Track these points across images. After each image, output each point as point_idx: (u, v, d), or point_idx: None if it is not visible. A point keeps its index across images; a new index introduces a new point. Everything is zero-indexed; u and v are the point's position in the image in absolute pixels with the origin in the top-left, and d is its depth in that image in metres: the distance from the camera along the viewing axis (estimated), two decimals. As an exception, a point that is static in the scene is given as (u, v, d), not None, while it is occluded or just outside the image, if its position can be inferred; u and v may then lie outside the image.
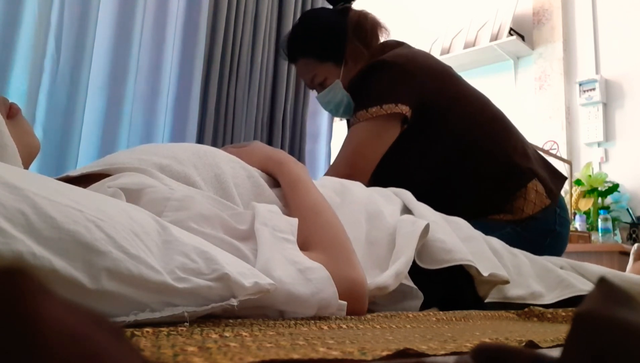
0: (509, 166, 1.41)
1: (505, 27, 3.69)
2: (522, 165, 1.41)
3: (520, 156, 1.43)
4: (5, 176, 0.42)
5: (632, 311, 0.22)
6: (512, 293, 0.99)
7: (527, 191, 1.39)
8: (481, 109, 1.48)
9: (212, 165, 0.80)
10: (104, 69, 1.44)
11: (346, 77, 1.49)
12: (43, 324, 0.14)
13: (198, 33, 1.64)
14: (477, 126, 1.43)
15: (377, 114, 1.36)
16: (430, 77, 1.44)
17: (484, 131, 1.43)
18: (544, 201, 1.39)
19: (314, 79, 1.52)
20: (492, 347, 0.25)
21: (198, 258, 0.49)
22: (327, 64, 1.49)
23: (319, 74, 1.51)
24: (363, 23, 1.51)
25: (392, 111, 1.36)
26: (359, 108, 1.40)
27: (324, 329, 0.51)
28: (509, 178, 1.40)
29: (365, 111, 1.38)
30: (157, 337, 0.38)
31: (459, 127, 1.42)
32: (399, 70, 1.40)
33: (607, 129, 3.39)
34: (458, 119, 1.42)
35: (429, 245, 0.90)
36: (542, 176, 1.42)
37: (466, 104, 1.46)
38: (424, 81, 1.41)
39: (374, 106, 1.36)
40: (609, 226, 3.00)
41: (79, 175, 0.73)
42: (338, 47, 1.48)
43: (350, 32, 1.48)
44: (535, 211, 1.38)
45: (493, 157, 1.41)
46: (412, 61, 1.44)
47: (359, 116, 1.39)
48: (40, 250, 0.38)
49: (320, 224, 0.74)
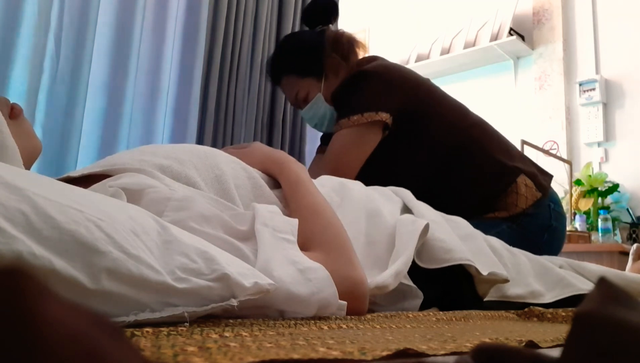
0: (494, 167, 1.44)
1: (505, 27, 3.69)
2: (507, 164, 1.44)
3: (504, 156, 1.46)
4: (5, 176, 0.42)
5: (632, 311, 0.22)
6: (512, 292, 0.99)
7: (518, 186, 1.41)
8: (460, 117, 1.52)
9: (213, 166, 0.80)
10: (104, 69, 1.44)
11: (328, 91, 1.54)
12: (43, 324, 0.14)
13: (198, 33, 1.63)
14: (457, 132, 1.47)
15: (358, 122, 1.41)
16: (409, 86, 1.49)
17: (465, 136, 1.47)
18: (535, 194, 1.42)
19: (297, 95, 1.58)
20: (492, 347, 0.25)
21: (198, 258, 0.49)
22: (308, 79, 1.55)
23: (302, 89, 1.56)
24: (339, 39, 1.57)
25: (372, 119, 1.41)
26: (342, 117, 1.45)
27: (324, 329, 0.51)
28: (496, 178, 1.43)
29: (347, 119, 1.43)
30: (157, 337, 0.38)
31: (440, 133, 1.46)
32: (379, 80, 1.46)
33: (607, 129, 3.39)
34: (438, 125, 1.47)
35: (429, 245, 0.90)
36: (528, 171, 1.45)
37: (445, 111, 1.50)
38: (403, 90, 1.46)
39: (355, 114, 1.42)
40: (609, 226, 3.00)
41: (80, 176, 0.74)
42: (317, 61, 1.54)
43: (327, 45, 1.54)
44: (528, 205, 1.40)
45: (478, 160, 1.44)
46: (392, 71, 1.51)
47: (342, 124, 1.44)
48: (40, 249, 0.38)
49: (321, 224, 0.75)
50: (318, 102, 1.55)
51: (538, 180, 1.44)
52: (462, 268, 0.91)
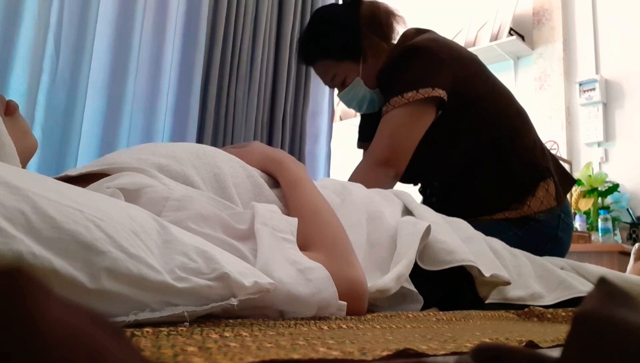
0: (528, 162, 1.41)
1: (505, 27, 3.69)
2: (540, 163, 1.42)
3: (539, 154, 1.43)
4: (5, 175, 0.42)
5: (632, 311, 0.22)
6: (512, 294, 0.99)
7: (538, 188, 1.39)
8: (507, 104, 1.46)
9: (212, 165, 0.80)
10: (104, 69, 1.44)
11: (367, 73, 1.45)
12: (43, 324, 0.14)
13: (198, 33, 1.63)
14: (503, 120, 1.42)
15: (413, 98, 1.32)
16: (462, 64, 1.41)
17: (510, 126, 1.42)
18: (551, 202, 1.39)
19: (334, 79, 1.49)
20: (492, 347, 0.25)
21: (198, 257, 0.49)
22: (345, 62, 1.45)
23: (339, 74, 1.47)
24: (377, 15, 1.46)
25: (429, 95, 1.32)
26: (393, 95, 1.35)
27: (324, 329, 0.51)
28: (526, 173, 1.40)
29: (400, 96, 1.33)
30: (157, 337, 0.38)
31: (487, 119, 1.40)
32: (432, 55, 1.37)
33: (607, 129, 3.39)
34: (486, 111, 1.41)
35: (431, 246, 0.89)
36: (555, 178, 1.43)
37: (494, 96, 1.44)
38: (456, 68, 1.38)
39: (409, 91, 1.32)
40: (609, 226, 3.00)
41: (78, 175, 0.73)
42: (354, 44, 1.43)
43: (364, 26, 1.43)
44: (540, 210, 1.37)
45: (516, 152, 1.41)
46: (444, 47, 1.41)
47: (394, 103, 1.35)
48: (40, 249, 0.38)
49: (320, 223, 0.74)
50: (357, 87, 1.46)
51: (559, 190, 1.41)
52: (464, 270, 0.90)
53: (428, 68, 1.35)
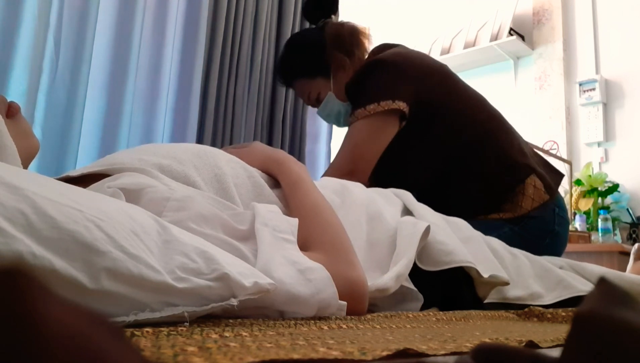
0: (506, 162, 1.42)
1: (505, 27, 3.69)
2: (519, 161, 1.42)
3: (517, 153, 1.44)
4: (5, 176, 0.42)
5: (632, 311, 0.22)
6: (512, 294, 0.99)
7: (525, 186, 1.39)
8: (478, 108, 1.49)
9: (212, 165, 0.80)
10: (104, 69, 1.44)
11: (339, 88, 1.53)
12: (43, 324, 0.14)
13: (198, 33, 1.63)
14: (474, 124, 1.44)
15: (374, 111, 1.38)
16: (426, 74, 1.45)
17: (481, 129, 1.44)
18: (543, 196, 1.40)
19: (309, 96, 1.57)
20: (492, 347, 0.25)
21: (198, 257, 0.49)
22: (317, 79, 1.54)
23: (313, 90, 1.56)
24: (340, 33, 1.54)
25: (389, 108, 1.37)
26: (357, 107, 1.42)
27: (324, 329, 0.51)
28: (507, 174, 1.41)
29: (363, 108, 1.39)
30: (157, 337, 0.38)
31: (455, 125, 1.43)
32: (394, 68, 1.42)
33: (607, 129, 3.39)
34: (455, 117, 1.43)
35: (430, 247, 0.90)
36: (539, 172, 1.43)
37: (462, 102, 1.47)
38: (420, 78, 1.43)
39: (371, 103, 1.38)
40: (609, 226, 3.00)
41: (79, 175, 0.73)
42: (321, 61, 1.53)
43: (329, 44, 1.52)
44: (533, 207, 1.38)
45: (491, 154, 1.42)
46: (407, 59, 1.47)
47: (357, 115, 1.40)
48: (40, 249, 0.38)
49: (320, 224, 0.74)
50: (330, 101, 1.54)
51: (547, 182, 1.42)
52: (463, 270, 0.91)
53: (389, 81, 1.41)
